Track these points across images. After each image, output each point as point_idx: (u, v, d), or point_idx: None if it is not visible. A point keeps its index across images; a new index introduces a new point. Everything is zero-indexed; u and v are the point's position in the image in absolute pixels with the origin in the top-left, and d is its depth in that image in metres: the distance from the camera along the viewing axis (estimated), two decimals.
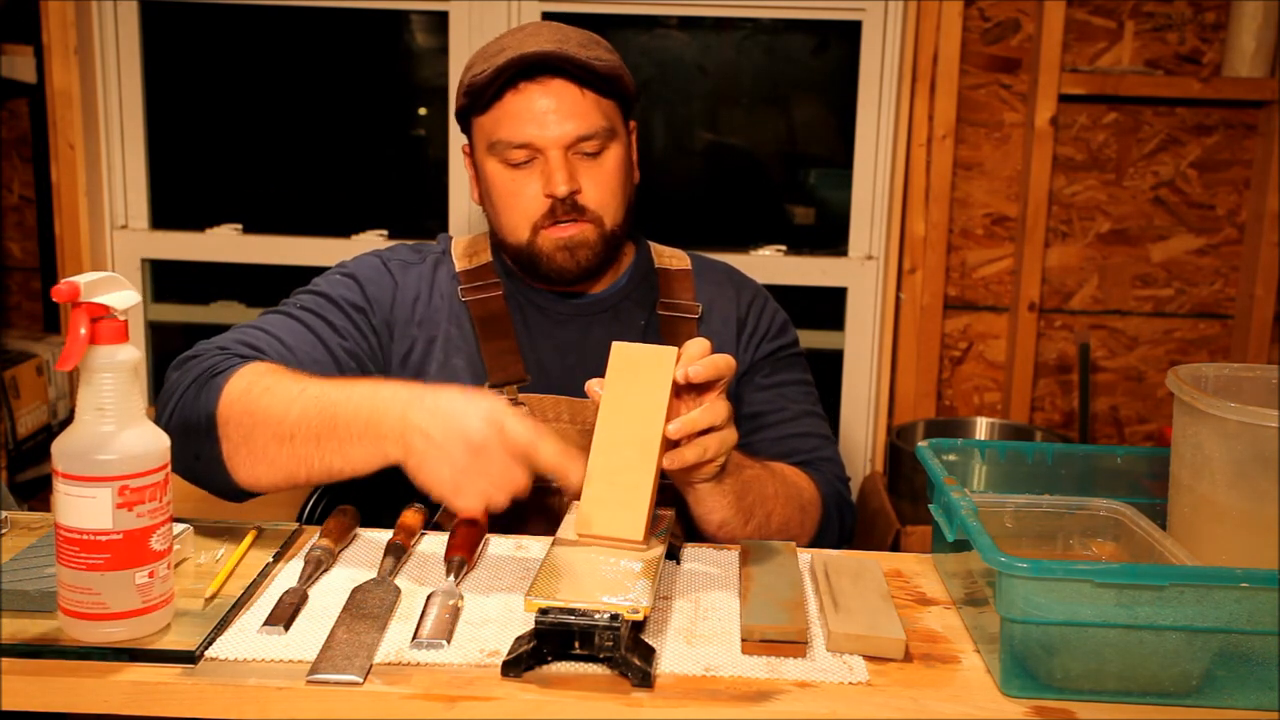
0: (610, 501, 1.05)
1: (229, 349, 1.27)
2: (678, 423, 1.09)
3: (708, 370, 1.11)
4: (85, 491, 0.91)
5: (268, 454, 1.15)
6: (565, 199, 1.35)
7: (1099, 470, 1.25)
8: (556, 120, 1.34)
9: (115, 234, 2.57)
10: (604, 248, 1.40)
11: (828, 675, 0.94)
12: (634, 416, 1.08)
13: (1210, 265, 2.48)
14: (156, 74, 2.57)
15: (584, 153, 1.37)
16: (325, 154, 2.68)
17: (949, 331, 2.51)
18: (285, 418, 1.13)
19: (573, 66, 1.34)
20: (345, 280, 1.43)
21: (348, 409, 1.11)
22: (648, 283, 1.51)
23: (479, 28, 2.46)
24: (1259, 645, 0.91)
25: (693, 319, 1.48)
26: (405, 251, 1.50)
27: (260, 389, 1.17)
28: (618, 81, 1.39)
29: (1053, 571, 0.90)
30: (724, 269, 1.58)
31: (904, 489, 2.24)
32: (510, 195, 1.38)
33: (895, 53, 2.42)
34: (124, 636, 0.93)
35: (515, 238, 1.40)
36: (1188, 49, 2.40)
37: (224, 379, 1.19)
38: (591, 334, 1.45)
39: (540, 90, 1.35)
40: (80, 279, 0.91)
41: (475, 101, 1.38)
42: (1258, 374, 1.16)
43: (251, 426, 1.15)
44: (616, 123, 1.41)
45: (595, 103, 1.37)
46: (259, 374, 1.19)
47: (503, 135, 1.36)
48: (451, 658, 0.95)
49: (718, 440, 1.13)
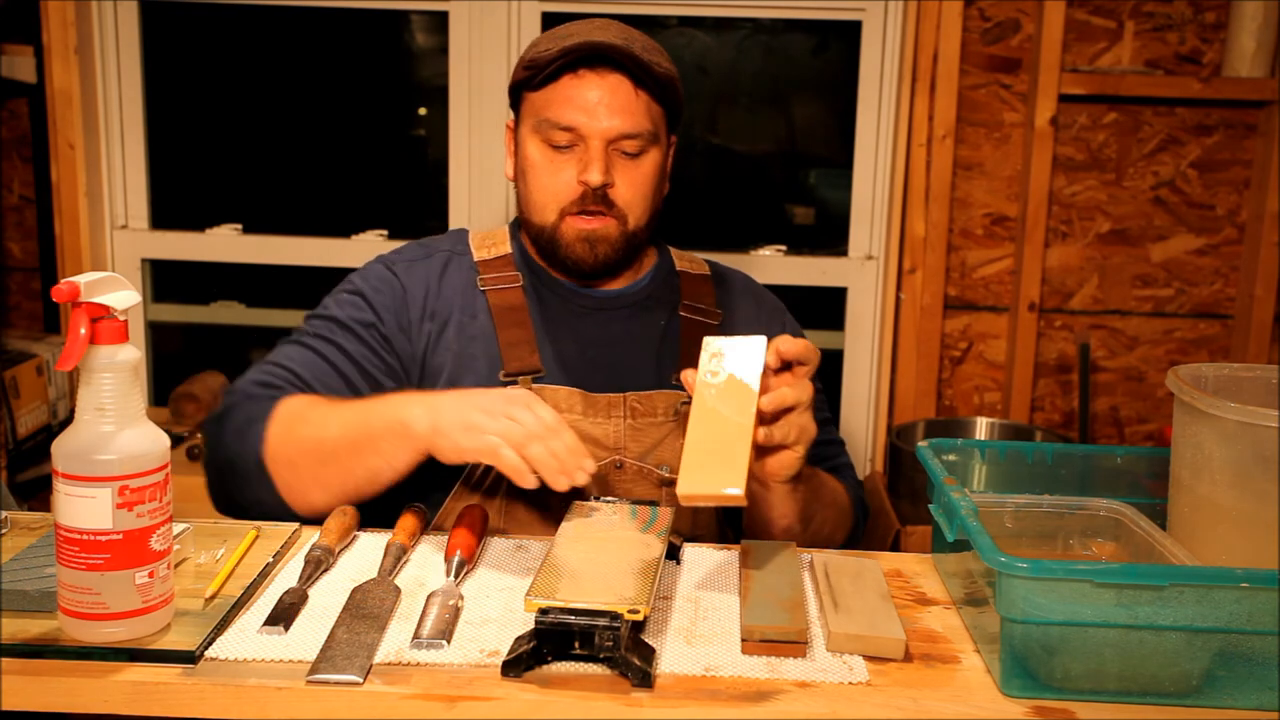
0: (709, 465, 1.09)
1: (254, 395, 1.32)
2: (770, 396, 1.16)
3: (797, 348, 1.18)
4: (85, 491, 0.91)
5: (317, 478, 1.24)
6: (597, 189, 1.37)
7: (1099, 470, 1.25)
8: (606, 113, 1.37)
9: (115, 234, 2.57)
10: (624, 245, 1.42)
11: (828, 675, 0.94)
12: (728, 395, 1.14)
13: (1210, 265, 2.48)
14: (156, 74, 2.57)
15: (624, 151, 1.39)
16: (325, 154, 2.68)
17: (949, 331, 2.51)
18: (324, 440, 1.23)
19: (633, 65, 1.37)
20: (352, 299, 1.44)
21: (378, 415, 1.20)
22: (669, 285, 1.53)
23: (479, 28, 2.46)
24: (1259, 645, 0.91)
25: (713, 324, 1.50)
26: (412, 250, 1.51)
27: (299, 422, 1.26)
28: (671, 90, 1.42)
29: (1053, 571, 0.90)
30: (743, 278, 1.61)
31: (904, 489, 2.24)
32: (545, 175, 1.40)
33: (895, 53, 2.42)
34: (124, 636, 0.93)
35: (541, 218, 1.42)
36: (1188, 49, 2.40)
37: (261, 426, 1.26)
38: (611, 329, 1.46)
39: (597, 80, 1.37)
40: (80, 279, 0.91)
41: (533, 77, 1.40)
42: (1258, 374, 1.16)
43: (297, 459, 1.24)
44: (661, 129, 1.43)
45: (646, 105, 1.40)
46: (292, 410, 1.28)
47: (551, 115, 1.38)
48: (451, 658, 0.95)
49: (801, 423, 1.19)
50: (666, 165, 1.48)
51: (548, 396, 1.37)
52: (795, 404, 1.17)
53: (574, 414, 1.38)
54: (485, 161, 2.52)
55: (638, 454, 1.39)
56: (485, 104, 2.49)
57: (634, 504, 1.20)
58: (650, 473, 1.39)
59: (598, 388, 1.40)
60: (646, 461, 1.39)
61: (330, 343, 1.40)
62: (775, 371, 1.19)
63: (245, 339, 2.73)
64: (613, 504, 1.21)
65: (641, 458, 1.39)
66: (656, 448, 1.40)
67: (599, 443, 1.38)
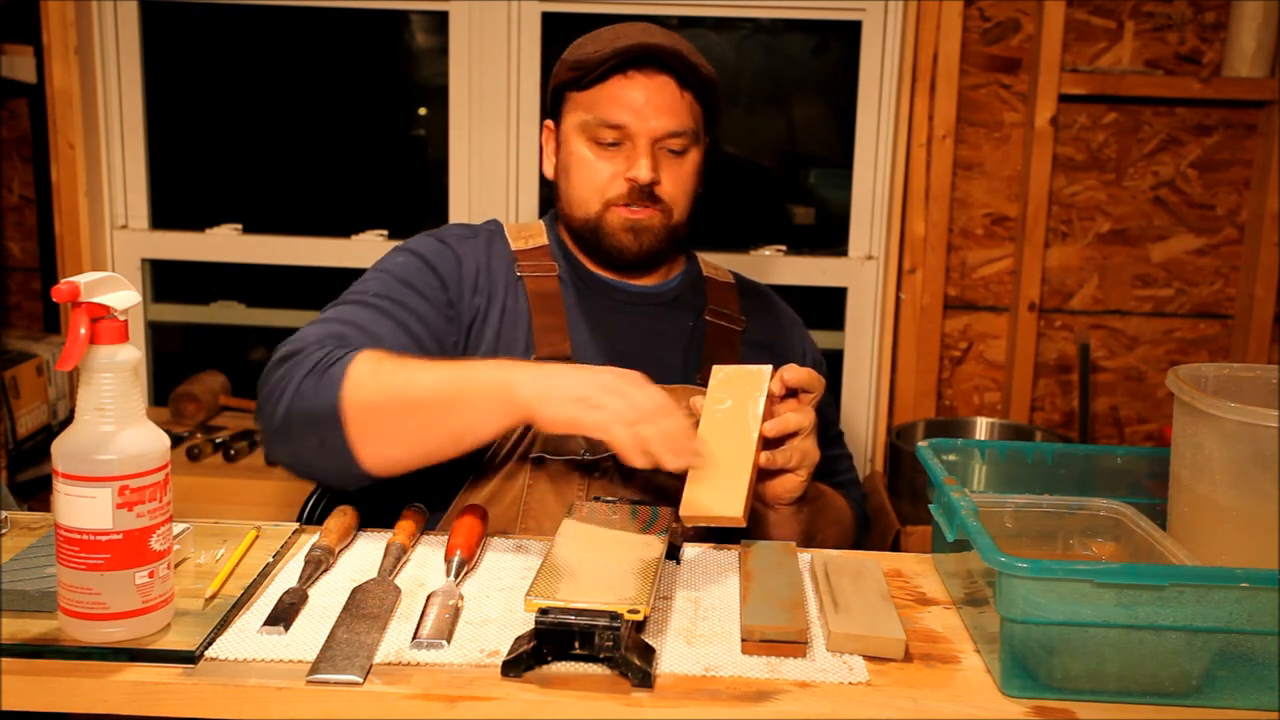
0: (711, 488, 1.13)
1: (326, 345, 1.26)
2: (773, 421, 1.21)
3: (801, 376, 1.23)
4: (85, 491, 0.91)
5: (397, 428, 1.18)
6: (645, 186, 1.40)
7: (1099, 470, 1.25)
8: (654, 113, 1.39)
9: (115, 234, 2.57)
10: (668, 237, 1.45)
11: (828, 675, 0.94)
12: (733, 420, 1.20)
13: (1210, 265, 2.48)
14: (156, 74, 2.57)
15: (669, 149, 1.42)
16: (325, 154, 2.68)
17: (949, 331, 2.51)
18: (413, 388, 1.17)
19: (682, 66, 1.40)
20: (412, 260, 1.42)
21: (479, 373, 1.18)
22: (696, 288, 1.55)
23: (479, 28, 2.46)
24: (1259, 645, 0.91)
25: (737, 331, 1.52)
26: (458, 229, 1.52)
27: (386, 370, 1.20)
28: (712, 91, 1.45)
29: (1053, 571, 0.90)
30: (764, 290, 1.64)
31: (904, 489, 2.24)
32: (590, 171, 1.42)
33: (895, 53, 2.42)
34: (124, 636, 0.93)
35: (584, 211, 1.44)
36: (1188, 49, 2.40)
37: (343, 366, 1.20)
38: (642, 324, 1.48)
39: (646, 81, 1.40)
40: (80, 279, 0.91)
41: (581, 78, 1.42)
42: (1258, 374, 1.16)
43: (381, 406, 1.18)
44: (701, 129, 1.46)
45: (690, 105, 1.42)
46: (378, 359, 1.22)
47: (600, 114, 1.40)
48: (451, 658, 0.95)
49: (804, 449, 1.23)
50: (702, 165, 1.50)
51: None
52: (798, 429, 1.22)
53: None
54: (485, 161, 2.52)
55: None
56: (485, 104, 2.49)
57: (634, 504, 1.20)
58: None
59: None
60: None
61: (395, 301, 1.35)
62: (780, 398, 1.24)
63: (245, 339, 2.73)
64: (613, 504, 1.21)
65: None
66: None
67: None
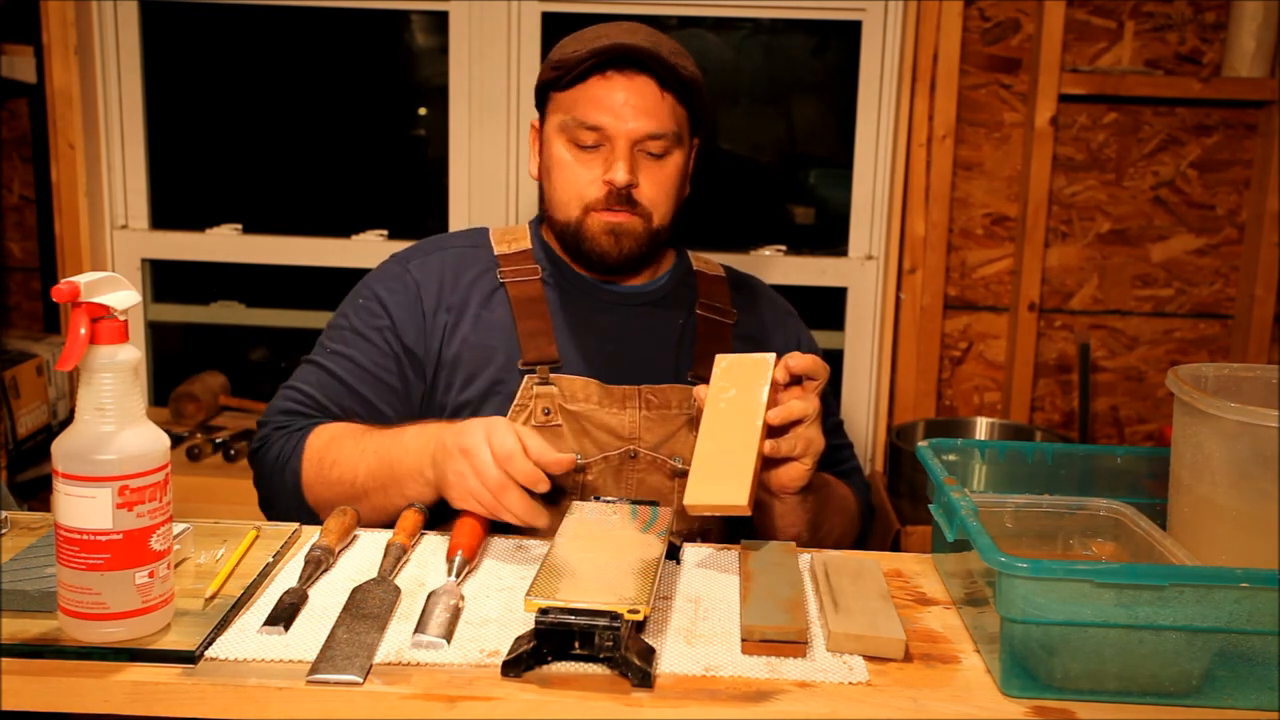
0: (716, 477, 1.13)
1: (282, 426, 1.40)
2: (778, 410, 1.20)
3: (805, 362, 1.24)
4: (85, 491, 0.91)
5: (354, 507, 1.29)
6: (622, 189, 1.39)
7: (1099, 470, 1.25)
8: (633, 114, 1.39)
9: (115, 234, 2.57)
10: (648, 241, 1.45)
11: (828, 675, 0.94)
12: (737, 409, 1.19)
13: (1210, 265, 2.48)
14: (156, 74, 2.57)
15: (649, 152, 1.41)
16: (325, 154, 2.68)
17: (949, 331, 2.51)
18: (355, 480, 1.30)
19: (660, 67, 1.39)
20: (366, 305, 1.48)
21: (402, 459, 1.26)
22: (686, 284, 1.55)
23: (479, 28, 2.46)
24: (1259, 645, 0.91)
25: (729, 324, 1.52)
26: (427, 245, 1.55)
27: (328, 463, 1.33)
28: (695, 92, 1.44)
29: (1053, 571, 0.90)
30: (756, 282, 1.64)
31: (904, 489, 2.24)
32: (570, 173, 1.42)
33: (895, 53, 2.42)
34: (124, 636, 0.93)
35: (565, 214, 1.44)
36: (1188, 49, 2.40)
37: (296, 465, 1.35)
38: (631, 324, 1.48)
39: (625, 82, 1.39)
40: (80, 279, 0.91)
41: (561, 77, 1.42)
42: (1258, 374, 1.16)
43: (332, 498, 1.31)
44: (684, 131, 1.45)
45: (671, 107, 1.42)
46: (320, 450, 1.35)
47: (578, 115, 1.40)
48: (451, 658, 0.95)
49: (808, 436, 1.23)
50: (688, 167, 1.50)
51: (565, 386, 1.40)
52: (803, 417, 1.22)
53: (590, 403, 1.40)
54: (485, 161, 2.52)
55: (652, 444, 1.41)
56: (485, 104, 2.49)
57: (634, 504, 1.21)
58: (664, 463, 1.41)
59: (614, 380, 1.42)
60: (660, 452, 1.41)
61: (343, 357, 1.44)
62: (784, 386, 1.23)
63: (245, 339, 2.73)
64: (613, 504, 1.21)
65: (655, 448, 1.41)
66: (670, 439, 1.42)
67: (615, 432, 1.40)
